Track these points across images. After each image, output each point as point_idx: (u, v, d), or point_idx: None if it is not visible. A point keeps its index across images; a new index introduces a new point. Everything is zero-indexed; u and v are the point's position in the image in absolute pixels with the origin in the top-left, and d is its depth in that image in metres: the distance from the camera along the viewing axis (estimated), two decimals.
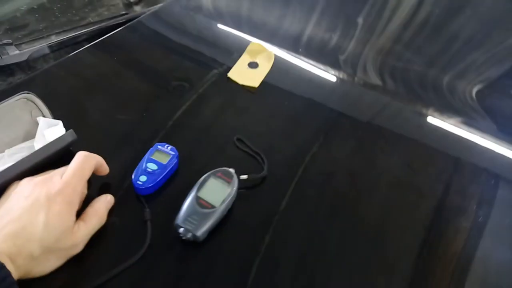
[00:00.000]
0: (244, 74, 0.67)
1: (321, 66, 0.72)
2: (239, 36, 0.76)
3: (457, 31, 0.84)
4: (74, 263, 0.44)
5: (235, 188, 0.49)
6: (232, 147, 0.58)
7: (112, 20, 0.75)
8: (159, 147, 0.54)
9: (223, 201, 0.47)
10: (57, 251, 0.43)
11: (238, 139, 0.58)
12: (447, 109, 0.66)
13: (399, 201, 0.54)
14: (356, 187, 0.55)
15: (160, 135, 0.59)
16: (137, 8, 0.80)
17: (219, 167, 0.51)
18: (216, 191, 0.48)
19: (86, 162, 0.49)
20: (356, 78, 0.71)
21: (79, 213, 0.47)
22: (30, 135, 0.54)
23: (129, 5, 0.80)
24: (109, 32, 0.73)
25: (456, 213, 0.52)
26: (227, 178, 0.50)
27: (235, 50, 0.72)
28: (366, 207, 0.52)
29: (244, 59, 0.69)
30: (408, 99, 0.68)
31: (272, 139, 0.60)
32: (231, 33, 0.77)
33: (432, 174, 0.57)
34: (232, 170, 0.51)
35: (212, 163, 0.53)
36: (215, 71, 0.69)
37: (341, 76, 0.71)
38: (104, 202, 0.49)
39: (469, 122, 0.64)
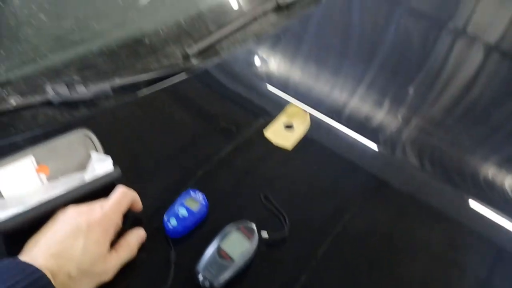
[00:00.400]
0: (279, 134, 0.72)
1: (360, 138, 0.76)
2: (285, 98, 0.82)
3: (506, 118, 0.85)
4: None
5: (255, 244, 0.53)
6: (260, 202, 0.62)
7: (170, 69, 0.83)
8: (192, 193, 0.59)
9: (242, 255, 0.51)
10: (90, 275, 0.49)
11: (265, 196, 0.62)
12: (488, 199, 0.68)
13: (439, 274, 0.56)
14: (395, 251, 0.58)
15: (196, 178, 0.65)
16: (194, 61, 0.88)
17: (245, 220, 0.56)
18: (237, 244, 0.52)
19: (123, 197, 0.55)
20: (395, 155, 0.74)
21: (113, 244, 0.52)
22: (83, 166, 0.61)
23: (186, 57, 0.88)
24: (167, 79, 0.81)
25: None
26: (249, 233, 0.54)
27: (280, 109, 0.78)
28: (404, 270, 0.55)
29: (281, 120, 0.75)
30: (447, 183, 0.71)
31: (302, 199, 0.64)
32: (278, 93, 0.83)
33: (474, 257, 0.58)
34: (254, 226, 0.55)
35: (239, 215, 0.58)
36: (261, 121, 0.75)
37: (380, 150, 0.75)
38: (136, 236, 0.55)
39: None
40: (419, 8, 1.15)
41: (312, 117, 0.77)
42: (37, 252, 0.47)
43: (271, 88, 0.83)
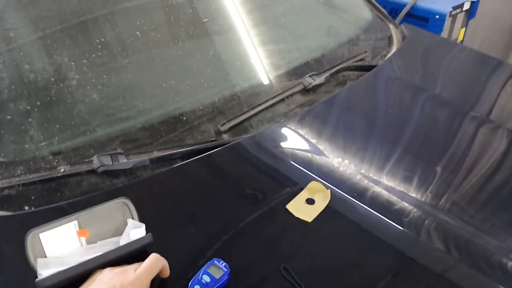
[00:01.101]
0: (300, 208, 0.77)
1: (383, 217, 0.78)
2: (309, 174, 0.87)
3: None
4: None
5: None
6: (280, 273, 0.65)
7: (203, 144, 0.91)
8: (216, 262, 0.63)
9: None
10: None
11: (284, 267, 0.66)
12: None
13: None
14: None
15: (221, 246, 0.70)
16: (225, 136, 0.96)
17: None
18: None
19: (156, 263, 0.60)
20: (420, 238, 0.75)
21: None
22: (119, 232, 0.67)
23: (219, 133, 0.96)
24: (201, 153, 0.89)
25: None
26: None
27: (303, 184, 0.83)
28: None
29: (303, 195, 0.80)
30: (475, 270, 0.70)
31: (322, 273, 0.67)
32: (302, 169, 0.88)
33: None
34: None
35: (259, 284, 0.61)
36: (284, 194, 0.80)
37: (403, 231, 0.76)
38: None
39: None
40: (443, 94, 1.20)
41: (335, 192, 0.81)
42: None
43: (295, 164, 0.89)
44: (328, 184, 0.83)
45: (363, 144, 0.97)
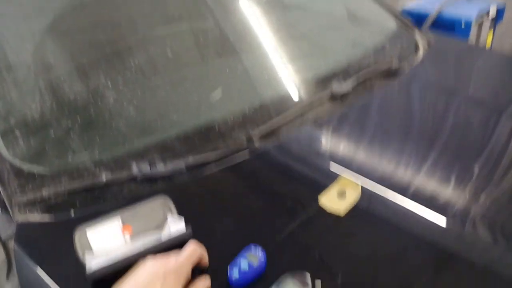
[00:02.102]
0: (333, 202, 0.79)
1: (425, 209, 0.78)
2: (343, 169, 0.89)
3: None
4: None
5: None
6: (314, 260, 0.67)
7: (235, 150, 0.95)
8: (252, 248, 0.66)
9: None
10: None
11: (320, 255, 0.67)
12: None
13: None
14: None
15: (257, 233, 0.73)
16: (257, 143, 0.99)
17: (300, 270, 0.61)
18: None
19: (194, 252, 0.63)
20: (464, 230, 0.75)
21: None
22: (160, 226, 0.71)
23: (250, 140, 0.99)
24: (233, 160, 0.92)
25: None
26: (303, 282, 0.58)
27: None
28: None
29: (334, 189, 0.82)
30: None
31: (355, 265, 0.68)
32: (339, 168, 0.90)
33: None
34: (308, 276, 0.59)
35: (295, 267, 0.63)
36: (316, 192, 0.83)
37: (446, 225, 0.76)
38: (203, 285, 0.62)
39: None
40: (477, 96, 1.20)
41: (365, 188, 0.83)
42: None
43: (327, 165, 0.91)
44: (359, 176, 0.85)
45: (399, 146, 0.99)
